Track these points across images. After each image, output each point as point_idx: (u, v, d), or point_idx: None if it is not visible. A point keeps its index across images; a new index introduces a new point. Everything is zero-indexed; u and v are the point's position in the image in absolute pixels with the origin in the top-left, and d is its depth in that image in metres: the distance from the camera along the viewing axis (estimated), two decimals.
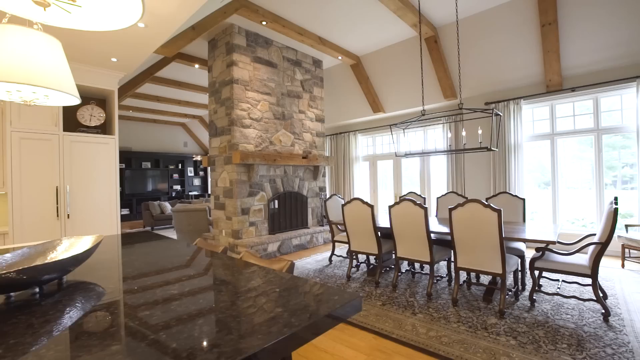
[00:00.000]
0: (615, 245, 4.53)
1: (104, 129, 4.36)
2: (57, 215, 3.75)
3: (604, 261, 4.39)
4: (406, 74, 6.16)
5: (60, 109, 3.80)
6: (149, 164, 11.03)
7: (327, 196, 9.08)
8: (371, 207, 3.58)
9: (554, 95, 5.07)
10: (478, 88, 5.72)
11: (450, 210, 2.98)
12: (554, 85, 4.98)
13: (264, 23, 4.80)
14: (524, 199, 3.92)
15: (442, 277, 3.66)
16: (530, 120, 5.48)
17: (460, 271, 3.09)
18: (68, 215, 3.82)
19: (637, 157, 4.41)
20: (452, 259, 4.03)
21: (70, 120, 4.08)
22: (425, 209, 3.19)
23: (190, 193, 11.83)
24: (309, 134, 6.25)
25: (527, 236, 2.89)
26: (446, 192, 4.54)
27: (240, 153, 4.82)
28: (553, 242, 2.68)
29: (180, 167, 11.91)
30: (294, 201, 5.91)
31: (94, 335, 0.86)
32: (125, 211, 10.49)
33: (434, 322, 2.72)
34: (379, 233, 3.67)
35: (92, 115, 4.20)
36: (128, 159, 10.56)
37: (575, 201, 5.29)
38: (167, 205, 8.83)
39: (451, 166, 6.30)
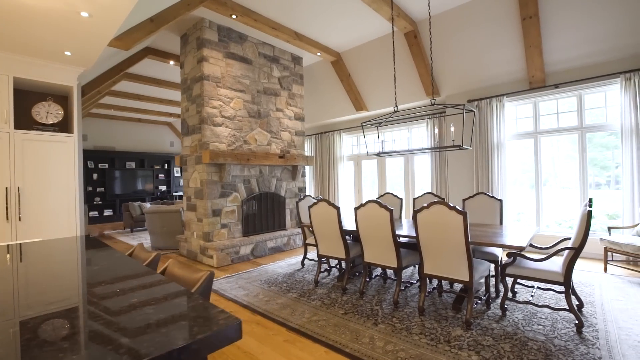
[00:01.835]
0: (597, 249, 4.34)
1: (64, 126, 4.16)
2: (7, 218, 3.54)
3: (586, 265, 4.20)
4: (388, 70, 5.96)
5: (11, 105, 3.58)
6: (133, 164, 10.80)
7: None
8: (337, 209, 3.38)
9: (537, 91, 4.88)
10: (461, 85, 5.53)
11: (415, 212, 2.78)
12: (537, 81, 4.79)
13: (233, 17, 4.59)
14: (501, 200, 3.73)
15: (412, 284, 3.46)
16: (513, 118, 5.29)
17: (431, 278, 2.89)
18: (20, 217, 3.61)
19: (621, 156, 4.22)
20: None
21: (25, 117, 3.88)
22: (391, 211, 3.00)
23: (175, 193, 11.61)
24: (288, 133, 6.05)
25: (496, 241, 2.70)
26: (424, 192, 4.34)
27: (210, 152, 4.62)
28: (521, 248, 2.48)
29: (166, 167, 11.69)
30: (271, 202, 5.71)
31: None
32: (109, 212, 10.28)
33: (394, 334, 2.52)
34: (345, 236, 3.47)
35: (48, 113, 3.99)
36: (112, 159, 10.33)
37: (566, 202, 5.11)
38: (148, 206, 8.61)
39: (435, 166, 6.11)
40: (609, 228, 3.95)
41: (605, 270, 3.88)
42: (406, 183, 6.79)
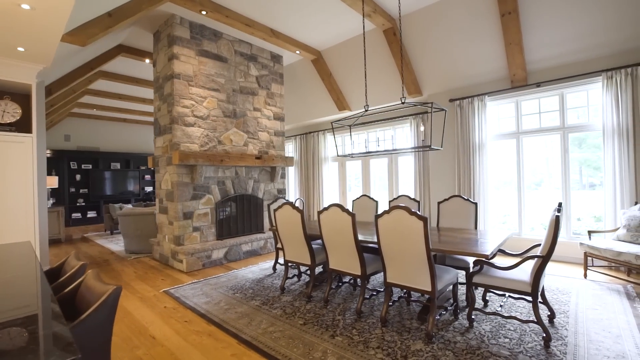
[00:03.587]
0: (579, 253, 4.19)
1: (23, 126, 3.98)
2: None
3: (566, 270, 4.04)
4: (370, 68, 5.80)
5: None
6: (118, 165, 10.62)
7: (291, 198, 8.72)
8: (301, 212, 3.22)
9: (518, 90, 4.73)
10: (442, 84, 5.37)
11: (377, 217, 2.62)
12: (519, 80, 4.64)
13: (203, 13, 4.43)
14: (476, 204, 3.57)
15: (379, 292, 3.29)
16: (496, 118, 5.13)
17: (394, 287, 2.73)
18: None
19: (603, 157, 4.07)
20: None
21: None
22: (353, 216, 2.84)
23: None
24: (266, 133, 5.88)
25: (462, 248, 2.53)
26: (399, 195, 4.18)
27: (180, 153, 4.45)
28: (485, 256, 2.32)
29: (152, 167, 11.50)
30: (247, 204, 5.54)
31: None
32: (93, 214, 10.09)
33: (350, 348, 2.35)
34: (310, 242, 3.31)
35: (4, 112, 3.81)
36: (95, 159, 10.14)
37: (555, 203, 4.95)
38: (136, 208, 8.42)
39: (418, 167, 5.95)
40: (589, 232, 3.80)
41: (585, 276, 3.73)
42: (390, 184, 6.63)
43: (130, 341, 2.58)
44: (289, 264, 3.68)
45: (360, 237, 3.02)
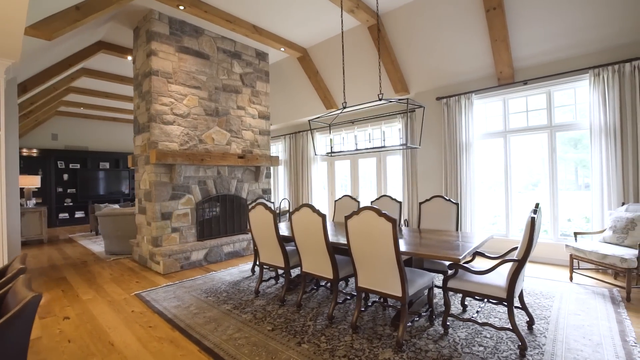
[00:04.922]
0: (565, 255, 4.07)
1: None
2: None
3: (552, 273, 3.92)
4: (356, 66, 5.68)
5: None
6: (107, 165, 10.48)
7: (275, 199, 8.60)
8: (273, 213, 3.09)
9: (505, 88, 4.61)
10: (429, 82, 5.25)
11: (346, 218, 2.50)
12: (506, 77, 4.52)
13: (181, 8, 4.31)
14: (457, 204, 3.45)
15: (354, 296, 3.16)
16: (483, 116, 5.01)
17: (365, 292, 2.60)
18: None
19: (590, 156, 3.95)
20: None
21: None
22: (324, 217, 2.71)
23: None
24: (250, 132, 5.75)
25: (434, 251, 2.41)
26: (380, 195, 4.06)
27: (157, 152, 4.33)
28: (457, 260, 2.20)
29: None
30: (230, 205, 5.41)
31: None
32: (81, 214, 9.95)
33: (315, 357, 2.23)
34: (284, 244, 3.18)
35: None
36: (84, 159, 10.01)
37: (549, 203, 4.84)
38: (117, 208, 8.28)
39: (406, 166, 5.83)
40: (575, 234, 3.67)
41: (571, 279, 3.60)
42: (378, 184, 6.51)
43: (87, 348, 2.46)
44: (265, 267, 3.55)
45: (334, 239, 2.90)
